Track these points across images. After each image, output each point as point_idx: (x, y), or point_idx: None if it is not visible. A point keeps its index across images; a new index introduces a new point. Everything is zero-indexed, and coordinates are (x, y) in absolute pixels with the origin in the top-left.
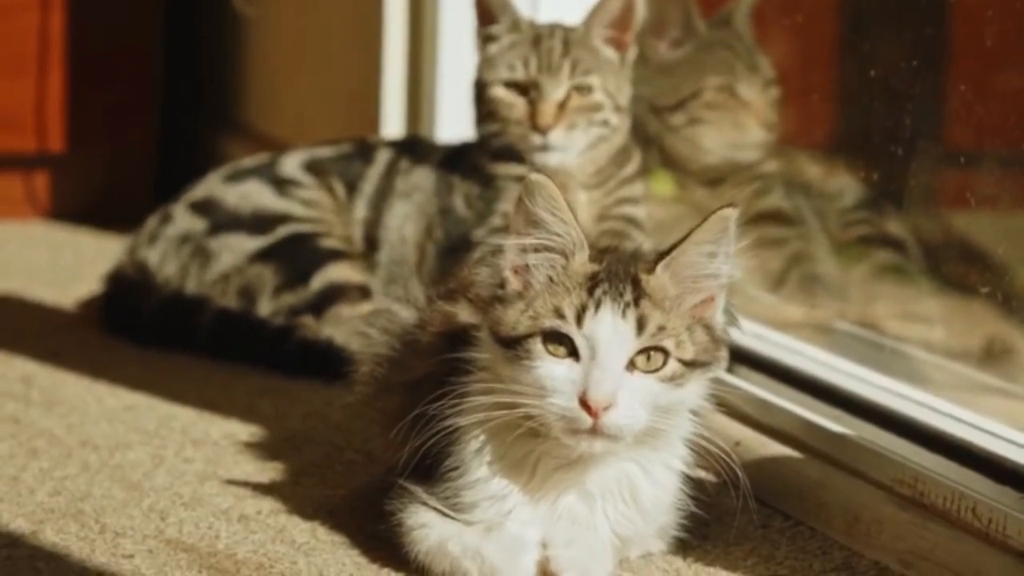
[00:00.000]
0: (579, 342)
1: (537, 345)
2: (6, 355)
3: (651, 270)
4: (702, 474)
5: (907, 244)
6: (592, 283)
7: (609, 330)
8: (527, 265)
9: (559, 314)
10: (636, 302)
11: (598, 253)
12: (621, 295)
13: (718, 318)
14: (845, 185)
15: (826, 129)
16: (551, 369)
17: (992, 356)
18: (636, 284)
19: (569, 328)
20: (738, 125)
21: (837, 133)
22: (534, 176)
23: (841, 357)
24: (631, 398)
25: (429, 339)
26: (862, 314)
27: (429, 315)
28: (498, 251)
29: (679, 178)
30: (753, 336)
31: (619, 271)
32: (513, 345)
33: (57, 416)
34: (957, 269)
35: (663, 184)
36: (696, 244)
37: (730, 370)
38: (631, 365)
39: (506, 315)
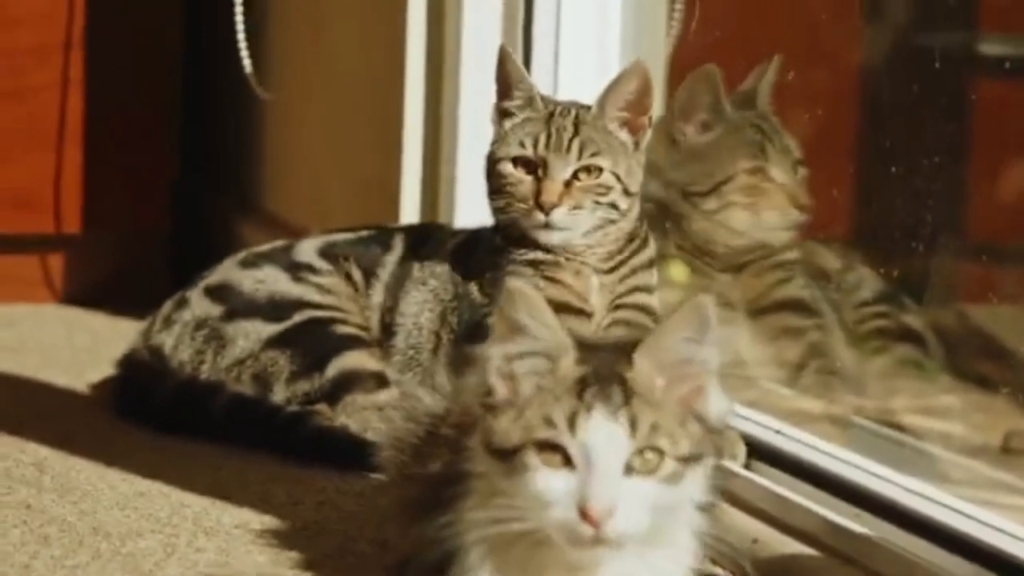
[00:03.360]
0: (573, 450)
1: (531, 457)
2: (19, 439)
3: (630, 363)
4: (717, 571)
5: (927, 338)
6: (581, 387)
7: (603, 435)
8: (512, 373)
9: (550, 422)
10: (627, 401)
11: (586, 354)
12: (610, 397)
13: (711, 408)
14: (864, 277)
15: (846, 223)
16: (547, 481)
17: (1011, 453)
18: (623, 383)
19: (562, 436)
20: (772, 207)
21: (857, 227)
22: (513, 284)
23: (858, 453)
24: (631, 503)
25: (448, 432)
26: (880, 409)
27: (452, 406)
28: (483, 360)
29: (706, 263)
30: (771, 431)
31: (605, 372)
32: (507, 457)
33: (69, 502)
34: (977, 365)
35: (678, 271)
36: (673, 332)
37: (747, 466)
38: (628, 468)
39: (498, 425)
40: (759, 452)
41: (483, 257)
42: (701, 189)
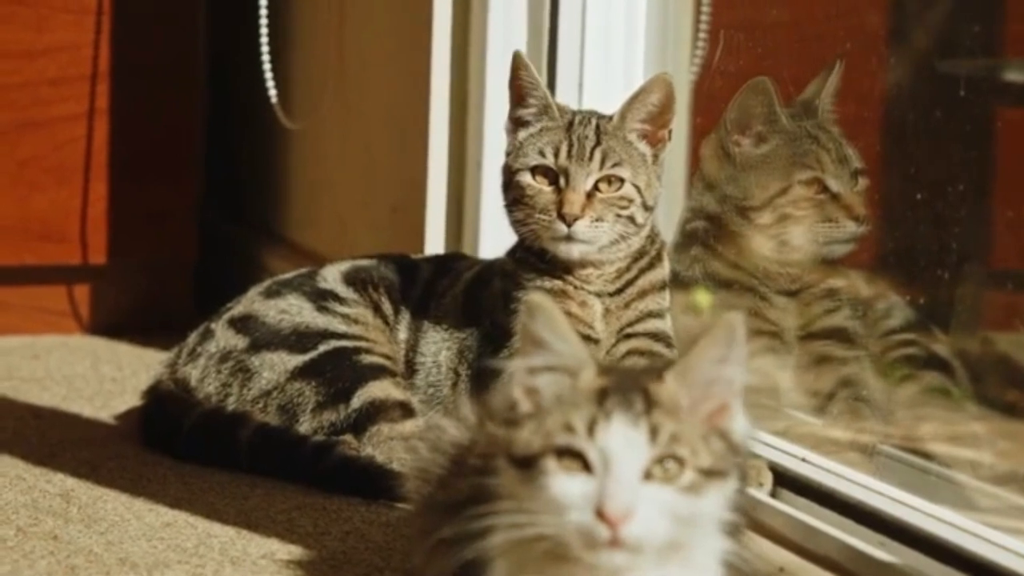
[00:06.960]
0: (591, 455)
1: (550, 462)
2: (46, 470)
3: (661, 379)
4: None
5: (953, 366)
6: (601, 396)
7: (621, 439)
8: (535, 386)
9: (569, 428)
10: (648, 411)
11: (608, 370)
12: (632, 405)
13: (735, 426)
14: (894, 305)
15: (871, 250)
16: (565, 485)
17: None
18: (646, 394)
19: (581, 441)
20: (828, 219)
21: (882, 254)
22: (533, 297)
23: (885, 481)
24: (649, 508)
25: (474, 461)
26: (907, 436)
27: (478, 436)
28: (508, 376)
29: (763, 285)
30: (797, 459)
31: (628, 384)
32: (527, 465)
33: (96, 533)
34: (1003, 392)
35: (703, 297)
36: (704, 353)
37: (773, 494)
38: (647, 475)
39: (519, 435)
40: (785, 480)
41: (493, 295)
42: (755, 203)
